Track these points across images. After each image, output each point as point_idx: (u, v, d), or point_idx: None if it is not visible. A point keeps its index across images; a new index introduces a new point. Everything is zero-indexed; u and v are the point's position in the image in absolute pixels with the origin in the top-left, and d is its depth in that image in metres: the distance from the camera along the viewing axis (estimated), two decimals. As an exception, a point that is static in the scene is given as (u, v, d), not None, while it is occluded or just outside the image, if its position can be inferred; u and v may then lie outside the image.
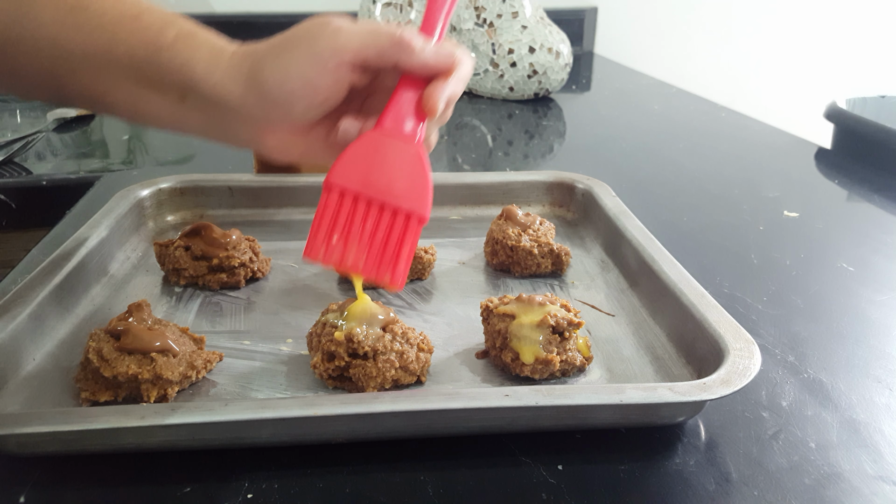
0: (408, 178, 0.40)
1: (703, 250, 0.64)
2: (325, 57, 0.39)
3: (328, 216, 0.40)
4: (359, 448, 0.37)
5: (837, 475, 0.36)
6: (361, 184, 0.40)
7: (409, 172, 0.40)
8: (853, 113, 0.95)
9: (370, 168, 0.40)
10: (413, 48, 0.39)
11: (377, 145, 0.40)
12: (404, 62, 0.39)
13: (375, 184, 0.40)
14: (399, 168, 0.40)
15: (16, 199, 0.79)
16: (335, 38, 0.39)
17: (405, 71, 0.40)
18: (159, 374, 0.39)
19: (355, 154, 0.40)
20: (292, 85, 0.39)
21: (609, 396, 0.36)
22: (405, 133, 0.40)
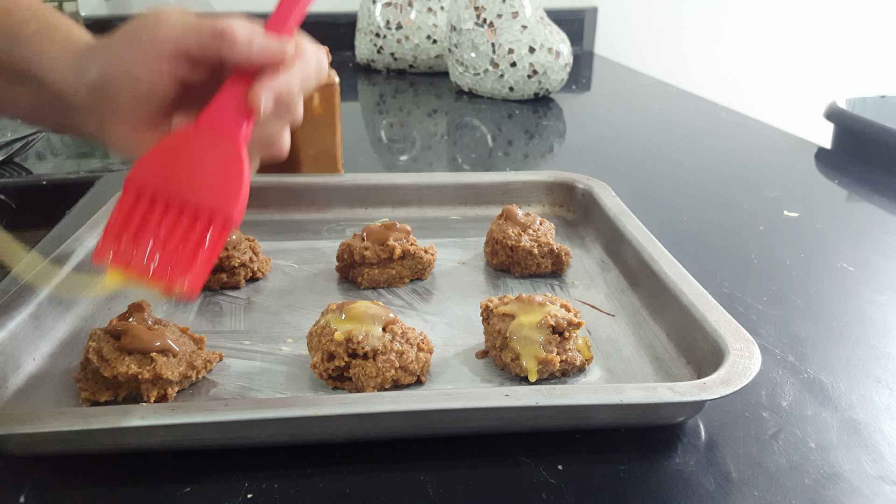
0: (217, 175, 0.36)
1: (703, 250, 0.64)
2: (145, 48, 0.38)
3: (122, 216, 0.36)
4: (359, 448, 0.37)
5: (837, 475, 0.36)
6: (162, 180, 0.36)
7: (220, 170, 0.36)
8: (853, 113, 0.95)
9: (175, 165, 0.37)
10: (235, 40, 0.37)
11: (188, 141, 0.37)
12: (228, 55, 0.37)
13: (177, 181, 0.36)
14: (209, 165, 0.37)
15: (16, 199, 0.79)
16: (155, 30, 0.38)
17: (233, 65, 0.38)
18: (159, 374, 0.39)
19: (162, 150, 0.37)
20: (114, 77, 0.38)
21: (609, 396, 0.36)
22: (224, 129, 0.37)
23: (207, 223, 0.36)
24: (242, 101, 0.37)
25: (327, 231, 0.64)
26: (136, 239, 0.36)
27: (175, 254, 0.36)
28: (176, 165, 0.37)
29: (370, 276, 0.54)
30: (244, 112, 0.37)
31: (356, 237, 0.55)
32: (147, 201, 0.37)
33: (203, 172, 0.37)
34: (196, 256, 0.35)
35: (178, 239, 0.36)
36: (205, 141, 0.37)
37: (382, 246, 0.53)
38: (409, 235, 0.55)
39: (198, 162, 0.37)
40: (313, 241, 0.62)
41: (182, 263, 0.35)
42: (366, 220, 0.66)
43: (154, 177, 0.37)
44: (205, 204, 0.36)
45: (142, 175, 0.37)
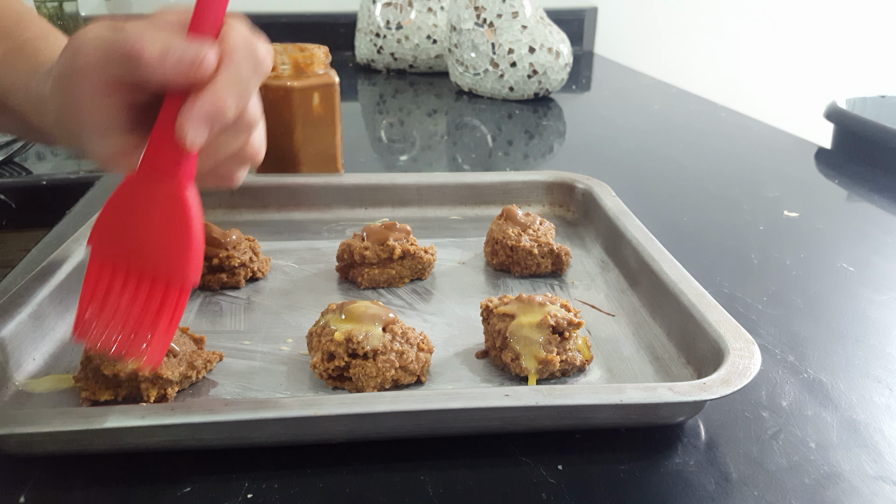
0: (166, 232, 0.33)
1: (703, 250, 0.64)
2: (75, 85, 0.33)
3: (91, 288, 0.34)
4: (359, 448, 0.37)
5: (837, 475, 0.36)
6: (118, 247, 0.34)
7: (167, 225, 0.33)
8: (853, 113, 0.95)
9: (127, 227, 0.34)
10: (147, 62, 0.30)
11: (133, 192, 0.34)
12: (147, 80, 0.31)
13: (131, 246, 0.33)
14: (157, 220, 0.33)
15: (16, 199, 0.79)
16: (74, 61, 0.33)
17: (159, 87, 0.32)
18: (159, 373, 0.39)
19: (112, 210, 0.34)
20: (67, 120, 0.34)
21: (609, 396, 0.36)
22: (163, 170, 0.33)
23: (165, 289, 0.34)
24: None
25: (327, 231, 0.64)
26: (101, 312, 0.34)
27: (136, 325, 0.34)
28: (126, 227, 0.34)
29: (370, 276, 0.54)
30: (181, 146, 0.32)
31: (356, 237, 0.55)
32: (109, 270, 0.34)
33: (152, 231, 0.34)
34: (156, 328, 0.33)
35: (138, 309, 0.34)
36: (148, 188, 0.33)
37: (382, 246, 0.53)
38: (409, 235, 0.55)
39: (145, 218, 0.34)
40: (313, 241, 0.62)
41: (142, 334, 0.34)
42: (366, 220, 0.66)
43: (109, 243, 0.34)
44: (160, 269, 0.34)
45: (99, 241, 0.35)
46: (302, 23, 1.55)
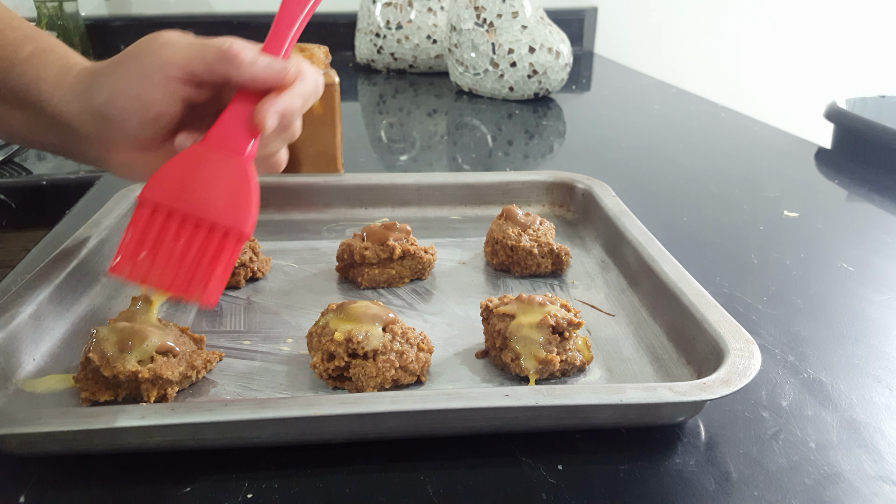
0: (229, 192, 0.38)
1: (703, 250, 0.64)
2: (151, 72, 0.38)
3: (138, 232, 0.38)
4: (359, 448, 0.37)
5: (837, 475, 0.36)
6: (177, 199, 0.38)
7: (231, 187, 0.38)
8: (853, 113, 0.95)
9: (188, 182, 0.38)
10: (241, 61, 0.38)
11: (199, 159, 0.39)
12: (234, 75, 0.38)
13: (192, 199, 0.38)
14: (220, 182, 0.38)
15: (16, 199, 0.79)
16: (160, 53, 0.38)
17: (238, 85, 0.39)
18: (159, 374, 0.39)
19: (174, 168, 0.39)
20: (122, 101, 0.39)
21: (609, 396, 0.36)
22: (231, 147, 0.39)
23: (222, 239, 0.38)
24: (248, 120, 0.39)
25: (327, 231, 0.64)
26: (153, 254, 0.38)
27: (193, 268, 0.37)
28: (188, 183, 0.38)
29: (370, 276, 0.54)
30: (250, 130, 0.39)
31: (356, 237, 0.55)
32: (162, 217, 0.38)
33: (214, 190, 0.38)
34: (214, 269, 0.37)
35: (194, 254, 0.38)
36: (214, 158, 0.39)
37: (382, 246, 0.53)
38: (409, 235, 0.55)
39: (208, 179, 0.38)
40: (313, 241, 0.62)
41: (200, 277, 0.37)
42: (366, 220, 0.66)
43: (167, 194, 0.38)
44: (219, 221, 0.38)
45: (155, 192, 0.38)
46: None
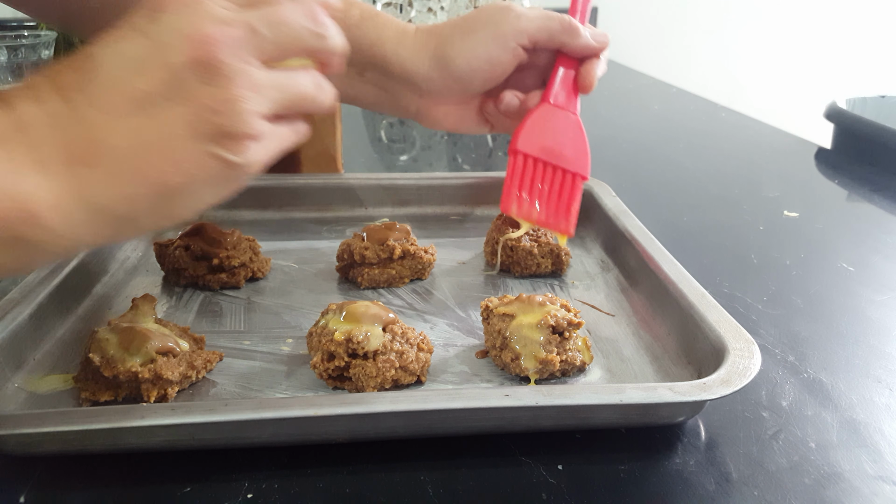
0: (573, 144, 0.48)
1: (703, 250, 0.63)
2: (508, 38, 0.45)
3: (516, 177, 0.48)
4: (359, 448, 0.37)
5: (837, 475, 0.36)
6: (539, 150, 0.48)
7: (573, 139, 0.48)
8: (853, 113, 0.95)
9: (544, 137, 0.48)
10: (579, 33, 0.45)
11: (549, 117, 0.48)
12: (568, 44, 0.46)
13: (548, 150, 0.48)
14: (565, 136, 0.48)
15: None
16: (518, 22, 0.45)
17: (565, 51, 0.47)
18: (159, 374, 0.39)
19: (533, 125, 0.48)
20: (478, 63, 0.46)
21: (609, 396, 0.36)
22: (566, 105, 0.48)
23: (572, 181, 0.48)
24: (574, 82, 0.48)
25: (327, 231, 0.64)
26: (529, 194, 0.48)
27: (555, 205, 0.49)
28: (543, 137, 0.48)
29: (370, 276, 0.54)
30: (575, 90, 0.48)
31: (356, 237, 0.55)
32: (529, 165, 0.48)
33: (563, 142, 0.48)
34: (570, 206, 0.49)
35: (555, 194, 0.48)
36: (557, 116, 0.48)
37: (382, 246, 0.53)
38: (409, 235, 0.55)
39: (558, 133, 0.48)
40: (313, 241, 0.62)
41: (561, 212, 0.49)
42: (366, 220, 0.66)
43: (531, 146, 0.48)
44: (568, 167, 0.48)
45: (523, 145, 0.48)
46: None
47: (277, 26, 0.32)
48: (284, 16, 0.32)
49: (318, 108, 0.35)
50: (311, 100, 0.34)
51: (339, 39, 0.34)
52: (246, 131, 0.30)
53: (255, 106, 0.31)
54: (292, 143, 0.35)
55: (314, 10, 0.33)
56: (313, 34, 0.33)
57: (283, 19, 0.32)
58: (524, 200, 0.48)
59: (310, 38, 0.33)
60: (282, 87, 0.32)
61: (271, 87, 0.31)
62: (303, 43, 0.33)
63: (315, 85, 0.34)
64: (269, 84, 0.31)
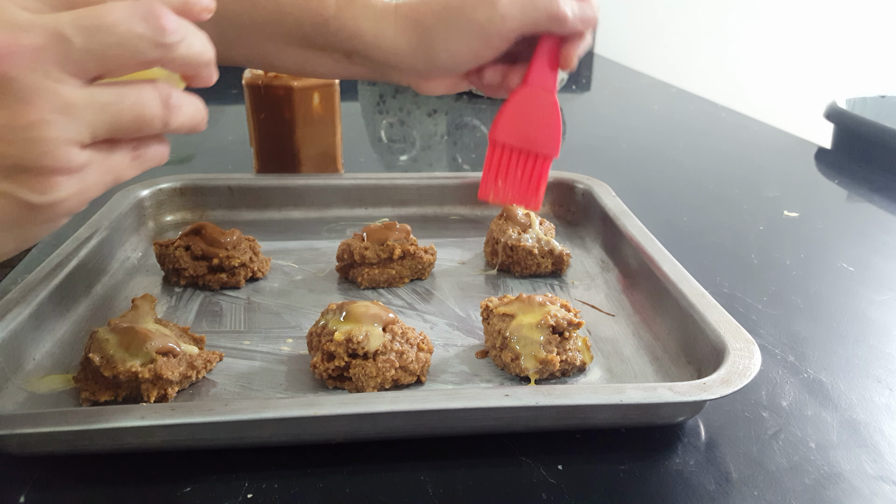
0: (547, 125, 0.49)
1: (703, 250, 0.64)
2: (489, 32, 0.44)
3: (494, 164, 0.50)
4: (359, 448, 0.37)
5: (837, 475, 0.36)
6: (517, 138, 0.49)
7: (548, 121, 0.49)
8: (853, 113, 0.95)
9: (522, 123, 0.49)
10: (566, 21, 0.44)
11: (528, 101, 0.48)
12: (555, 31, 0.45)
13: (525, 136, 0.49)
14: (540, 118, 0.49)
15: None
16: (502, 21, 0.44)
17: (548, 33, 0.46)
18: (159, 374, 0.39)
19: (513, 112, 0.48)
20: (461, 58, 0.46)
21: (609, 396, 0.36)
22: (544, 85, 0.48)
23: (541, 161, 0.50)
24: (553, 61, 0.47)
25: (327, 231, 0.64)
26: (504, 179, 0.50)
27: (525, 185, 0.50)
28: (520, 122, 0.48)
29: (370, 276, 0.54)
30: (554, 69, 0.48)
31: (356, 237, 0.55)
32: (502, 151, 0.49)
33: (537, 125, 0.49)
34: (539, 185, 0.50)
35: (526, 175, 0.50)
36: (535, 97, 0.48)
37: (382, 246, 0.53)
38: (409, 235, 0.55)
39: (532, 117, 0.48)
40: (313, 241, 0.62)
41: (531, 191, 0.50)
42: (366, 220, 0.66)
43: (508, 135, 0.49)
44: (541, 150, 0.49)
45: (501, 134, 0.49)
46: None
47: (96, 33, 0.25)
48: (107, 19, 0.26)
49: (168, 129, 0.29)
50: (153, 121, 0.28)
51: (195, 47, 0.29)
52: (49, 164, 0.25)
53: (63, 132, 0.25)
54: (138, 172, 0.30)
55: (154, 11, 0.27)
56: (151, 43, 0.27)
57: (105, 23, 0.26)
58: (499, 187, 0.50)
59: (146, 47, 0.27)
60: (105, 108, 0.27)
61: (89, 107, 0.26)
62: (136, 54, 0.27)
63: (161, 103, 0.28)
64: (85, 104, 0.26)
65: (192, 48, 0.28)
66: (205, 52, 0.29)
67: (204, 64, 0.29)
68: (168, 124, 0.29)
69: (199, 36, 0.29)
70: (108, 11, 0.26)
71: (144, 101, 0.28)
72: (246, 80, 0.66)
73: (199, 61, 0.29)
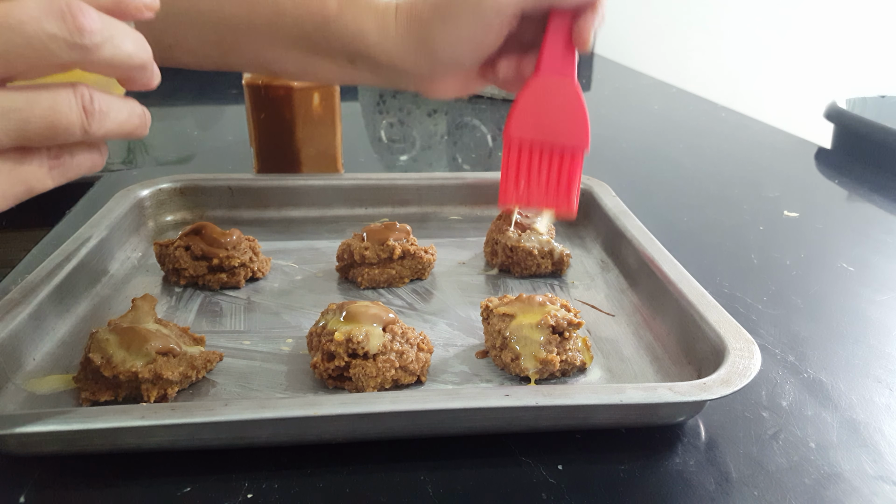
0: (569, 114, 0.44)
1: (703, 250, 0.63)
2: (490, 17, 0.41)
3: (513, 164, 0.45)
4: (359, 448, 0.37)
5: (837, 475, 0.36)
6: (535, 131, 0.44)
7: (568, 108, 0.44)
8: (853, 113, 0.95)
9: (539, 114, 0.44)
10: None
11: (544, 89, 0.44)
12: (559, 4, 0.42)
13: (545, 128, 0.44)
14: (561, 106, 0.44)
15: (16, 199, 0.79)
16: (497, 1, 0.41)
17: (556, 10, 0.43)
18: (159, 374, 0.39)
19: (527, 103, 0.44)
20: (462, 48, 0.43)
21: (609, 396, 0.36)
22: (561, 69, 0.44)
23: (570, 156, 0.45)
24: (568, 42, 0.43)
25: (327, 231, 0.64)
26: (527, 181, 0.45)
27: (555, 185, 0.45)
28: (538, 114, 0.44)
29: (370, 276, 0.54)
30: (570, 49, 0.43)
31: (356, 237, 0.55)
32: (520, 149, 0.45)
33: (558, 114, 0.44)
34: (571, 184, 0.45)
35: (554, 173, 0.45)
36: (551, 84, 0.44)
37: (382, 246, 0.53)
38: (409, 235, 0.55)
39: (551, 106, 0.44)
40: (313, 241, 0.62)
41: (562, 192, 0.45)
42: (366, 220, 0.66)
43: (526, 129, 0.44)
44: (566, 143, 0.44)
45: (518, 129, 0.44)
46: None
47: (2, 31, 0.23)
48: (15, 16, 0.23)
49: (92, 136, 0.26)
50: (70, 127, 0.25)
51: (123, 48, 0.26)
52: None
53: None
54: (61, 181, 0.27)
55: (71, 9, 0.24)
56: (66, 44, 0.24)
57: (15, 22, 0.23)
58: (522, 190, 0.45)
59: (60, 48, 0.24)
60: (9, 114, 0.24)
61: None
62: (48, 55, 0.24)
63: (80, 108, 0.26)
64: None
65: (120, 49, 0.26)
66: (137, 53, 0.27)
67: (137, 67, 0.27)
68: (89, 132, 0.26)
69: (131, 36, 0.26)
70: (17, 8, 0.23)
71: (59, 107, 0.25)
72: (246, 80, 0.66)
73: (128, 64, 0.26)
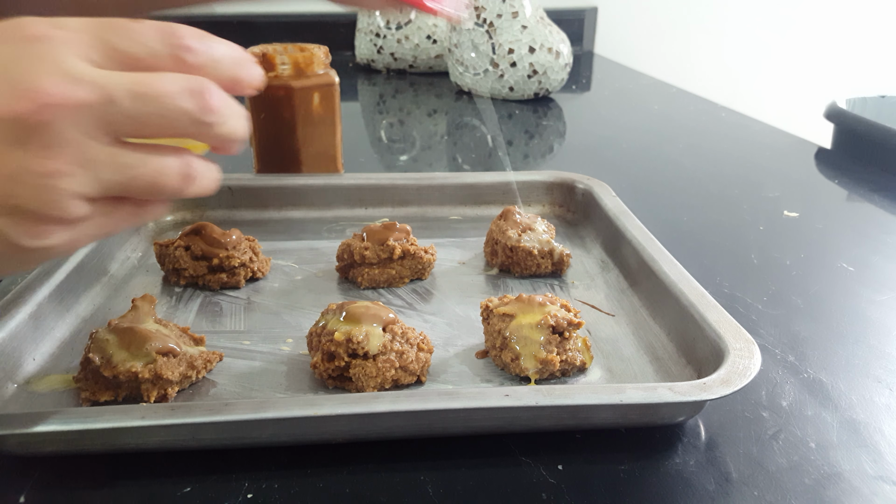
0: None
1: (703, 250, 0.63)
2: None
3: None
4: (359, 448, 0.37)
5: (837, 475, 0.36)
6: None
7: None
8: (853, 113, 0.95)
9: None
10: None
11: None
12: None
13: None
14: None
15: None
16: None
17: None
18: (159, 374, 0.39)
19: None
20: None
21: (609, 396, 0.36)
22: None
23: None
24: None
25: (327, 231, 0.64)
26: None
27: None
28: None
29: (370, 276, 0.54)
30: None
31: (356, 237, 0.55)
32: None
33: None
34: None
35: None
36: None
37: (382, 246, 0.53)
38: (409, 235, 0.55)
39: None
40: (313, 241, 0.62)
41: None
42: (366, 220, 0.66)
43: None
44: None
45: None
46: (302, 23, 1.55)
47: (145, 101, 0.26)
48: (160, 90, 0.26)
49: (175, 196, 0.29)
50: (167, 189, 0.28)
51: (231, 126, 0.29)
52: (51, 214, 0.25)
53: (74, 185, 0.25)
54: (132, 226, 0.30)
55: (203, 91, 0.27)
56: (194, 121, 0.27)
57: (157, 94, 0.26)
58: None
59: (186, 122, 0.27)
60: (123, 170, 0.27)
61: (109, 166, 0.26)
62: (175, 126, 0.27)
63: (180, 173, 0.28)
64: (105, 162, 0.26)
65: (230, 128, 0.29)
66: (238, 130, 0.29)
67: (234, 141, 0.30)
68: (181, 195, 0.29)
69: (238, 115, 0.29)
70: (161, 82, 0.26)
71: (165, 171, 0.28)
72: (246, 80, 0.65)
73: (230, 139, 0.29)
